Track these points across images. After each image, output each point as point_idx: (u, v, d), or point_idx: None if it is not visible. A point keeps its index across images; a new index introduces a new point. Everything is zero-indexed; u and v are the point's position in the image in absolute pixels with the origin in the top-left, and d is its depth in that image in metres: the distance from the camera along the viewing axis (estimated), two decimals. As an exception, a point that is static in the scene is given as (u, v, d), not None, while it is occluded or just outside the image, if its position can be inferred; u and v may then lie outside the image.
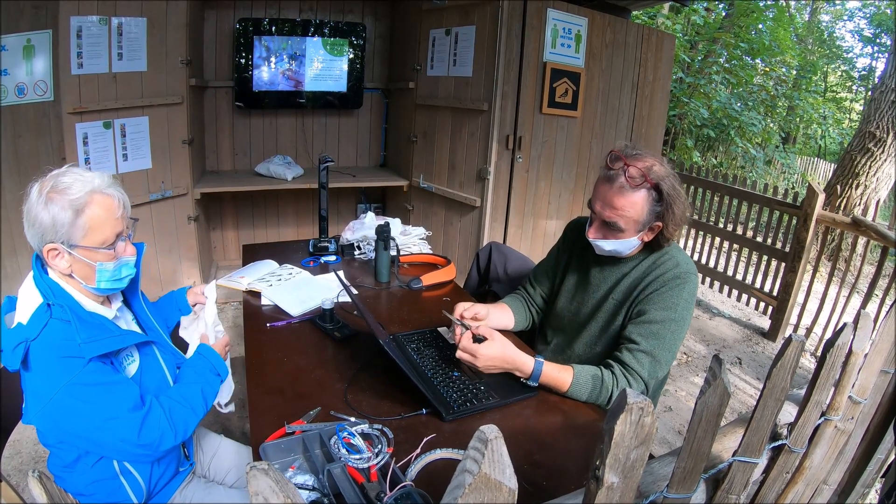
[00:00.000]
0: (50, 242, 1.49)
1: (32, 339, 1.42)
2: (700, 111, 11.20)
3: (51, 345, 1.42)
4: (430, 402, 1.61)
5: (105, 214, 1.54)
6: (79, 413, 1.41)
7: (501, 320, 2.22)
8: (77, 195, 1.48)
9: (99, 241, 1.53)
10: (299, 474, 1.35)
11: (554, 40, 4.18)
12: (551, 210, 4.68)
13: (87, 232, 1.51)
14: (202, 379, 1.67)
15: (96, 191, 1.52)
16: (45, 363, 1.41)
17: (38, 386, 1.42)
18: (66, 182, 1.49)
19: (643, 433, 0.79)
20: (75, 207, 1.48)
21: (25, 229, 1.52)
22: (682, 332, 1.88)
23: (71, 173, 1.52)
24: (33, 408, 1.45)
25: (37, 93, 3.83)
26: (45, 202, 1.47)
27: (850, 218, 4.32)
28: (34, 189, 1.49)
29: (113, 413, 1.43)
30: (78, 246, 1.51)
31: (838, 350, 1.19)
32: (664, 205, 1.82)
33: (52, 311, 1.47)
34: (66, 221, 1.47)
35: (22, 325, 1.46)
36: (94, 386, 1.42)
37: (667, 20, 11.32)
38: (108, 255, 1.56)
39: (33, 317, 1.46)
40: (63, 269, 1.53)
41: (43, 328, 1.44)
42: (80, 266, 1.54)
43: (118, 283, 1.63)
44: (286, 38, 4.73)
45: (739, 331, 5.05)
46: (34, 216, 1.47)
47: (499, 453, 0.62)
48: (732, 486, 1.14)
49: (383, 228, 2.60)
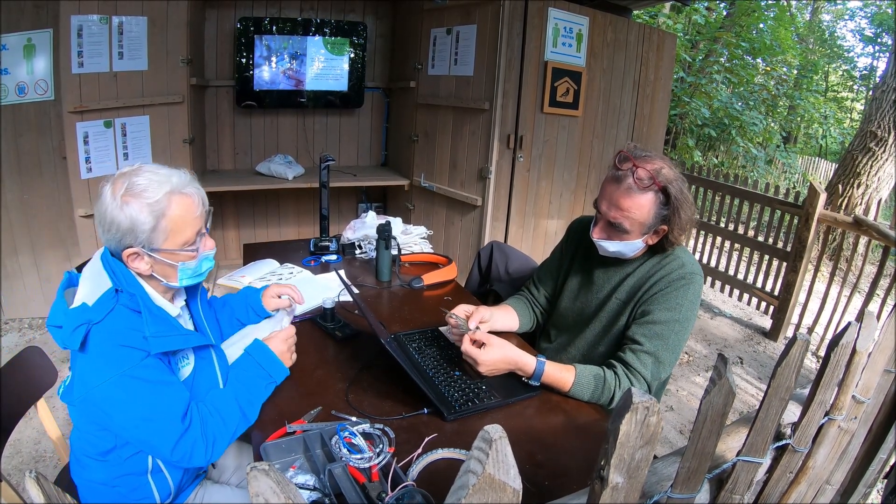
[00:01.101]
0: (129, 247, 1.46)
1: (96, 322, 1.38)
2: (701, 110, 11.19)
3: (114, 331, 1.39)
4: (432, 402, 1.61)
5: (186, 215, 1.51)
6: (124, 405, 1.38)
7: (506, 322, 2.21)
8: (155, 198, 1.45)
9: (181, 243, 1.52)
10: (300, 474, 1.35)
11: (555, 39, 4.18)
12: (552, 209, 4.67)
13: (169, 235, 1.49)
14: (243, 387, 1.60)
15: (175, 191, 1.49)
16: (103, 349, 1.38)
17: (91, 369, 1.38)
18: (142, 184, 1.45)
19: (648, 433, 0.78)
20: (155, 212, 1.45)
21: (99, 232, 1.48)
22: (686, 333, 1.88)
23: (144, 173, 1.48)
24: (79, 390, 1.42)
25: (37, 92, 3.83)
26: (120, 205, 1.42)
27: (852, 217, 4.32)
28: (106, 191, 1.45)
29: (156, 414, 1.40)
30: (160, 249, 1.49)
31: (842, 349, 1.19)
32: (671, 208, 1.81)
33: (119, 298, 1.44)
34: (146, 227, 1.44)
35: (87, 307, 1.41)
36: (147, 382, 1.40)
37: (668, 19, 11.31)
38: (190, 255, 1.55)
39: (100, 300, 1.42)
40: (143, 271, 1.51)
41: (108, 313, 1.40)
42: (161, 266, 1.53)
43: (199, 278, 1.63)
44: (287, 37, 4.73)
45: (741, 330, 5.05)
46: (110, 220, 1.43)
47: (503, 453, 0.61)
48: (736, 485, 1.13)
49: (384, 227, 2.60)
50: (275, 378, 1.66)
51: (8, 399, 1.67)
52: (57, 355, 3.66)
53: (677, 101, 11.13)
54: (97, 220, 1.47)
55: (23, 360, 1.78)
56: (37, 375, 1.81)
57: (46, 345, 3.76)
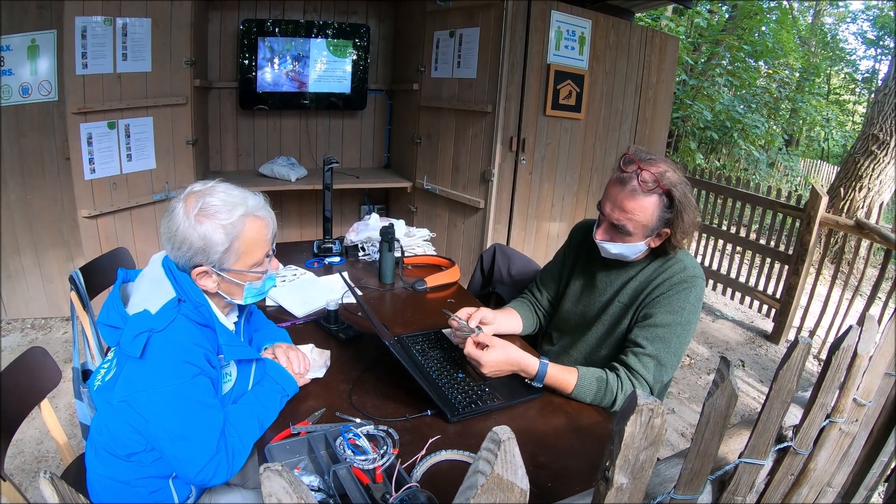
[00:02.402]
0: (199, 265, 1.48)
1: (157, 330, 1.40)
2: (703, 113, 11.20)
3: (175, 344, 1.41)
4: (435, 404, 1.61)
5: (257, 237, 1.54)
6: (165, 417, 1.38)
7: (509, 325, 2.22)
8: (230, 220, 1.47)
9: (251, 264, 1.55)
10: (305, 475, 1.36)
11: (558, 42, 4.18)
12: (554, 212, 4.68)
13: (241, 256, 1.52)
14: (261, 404, 1.59)
15: (249, 214, 1.51)
16: (161, 359, 1.39)
17: (143, 376, 1.39)
18: (216, 205, 1.47)
19: (653, 434, 0.79)
20: (229, 234, 1.47)
21: (167, 248, 1.50)
22: (688, 336, 1.88)
23: (217, 193, 1.50)
24: (124, 391, 1.42)
25: (41, 93, 3.84)
26: (193, 224, 1.44)
27: (854, 220, 4.32)
28: (179, 209, 1.46)
29: (194, 434, 1.39)
30: (230, 270, 1.51)
31: (843, 353, 1.19)
32: (674, 212, 1.81)
33: (180, 308, 1.46)
34: (219, 248, 1.47)
35: (149, 314, 1.42)
36: (194, 401, 1.40)
37: (670, 22, 11.32)
38: (257, 276, 1.58)
39: (163, 309, 1.43)
40: (210, 289, 1.53)
41: (170, 323, 1.42)
42: (228, 285, 1.55)
43: (261, 297, 1.65)
44: (290, 39, 4.74)
45: (742, 333, 5.05)
46: (182, 237, 1.45)
47: (511, 454, 0.62)
48: (738, 487, 1.14)
49: (388, 230, 2.60)
50: (287, 391, 1.66)
51: (11, 399, 1.67)
52: (60, 356, 3.68)
53: (679, 103, 11.15)
54: (165, 236, 1.48)
55: (26, 361, 1.78)
56: (40, 376, 1.81)
57: (49, 345, 3.79)
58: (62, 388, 2.92)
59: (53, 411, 1.85)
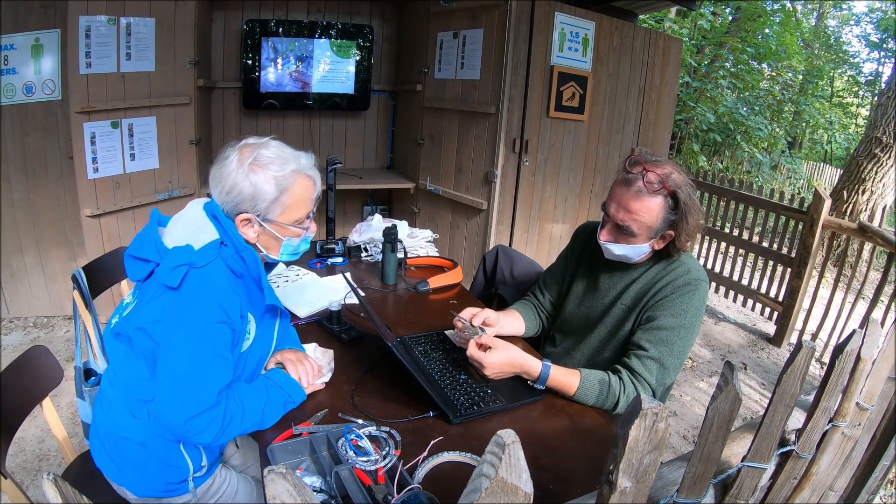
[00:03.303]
0: (245, 212, 1.52)
1: (197, 266, 1.42)
2: (706, 115, 11.20)
3: (212, 283, 1.44)
4: (438, 405, 1.61)
5: (304, 195, 1.59)
6: (175, 352, 1.40)
7: (512, 327, 2.21)
8: (282, 173, 1.52)
9: (294, 220, 1.59)
10: (307, 476, 1.35)
11: (561, 44, 4.18)
12: (557, 214, 4.68)
13: (286, 210, 1.56)
14: (269, 400, 1.58)
15: (300, 171, 1.57)
16: (195, 295, 1.42)
17: (172, 308, 1.41)
18: (270, 157, 1.52)
19: (657, 438, 0.79)
20: (280, 186, 1.52)
21: (215, 193, 1.54)
22: (691, 339, 1.88)
23: (272, 147, 1.56)
24: (146, 317, 1.43)
25: (45, 92, 3.85)
26: (247, 172, 1.49)
27: (857, 223, 4.32)
28: (233, 157, 1.52)
29: (194, 379, 1.40)
30: (273, 221, 1.56)
31: (846, 357, 1.19)
32: (679, 213, 1.81)
33: (221, 251, 1.49)
34: (267, 197, 1.51)
35: (192, 249, 1.45)
36: (209, 346, 1.42)
37: (674, 24, 11.32)
38: (297, 232, 1.62)
39: (206, 248, 1.47)
40: (250, 238, 1.56)
41: (209, 262, 1.45)
42: (268, 237, 1.60)
43: (295, 257, 1.69)
44: (294, 39, 4.74)
45: (745, 336, 5.04)
46: (232, 183, 1.50)
47: (516, 457, 0.62)
48: (741, 491, 1.14)
49: (391, 231, 2.60)
50: (294, 399, 1.64)
51: (12, 398, 1.67)
52: (62, 354, 3.68)
53: (683, 105, 11.15)
54: (215, 181, 1.53)
55: (28, 359, 1.78)
56: (42, 374, 1.81)
57: (51, 344, 3.79)
58: (64, 386, 2.92)
59: (55, 410, 1.86)
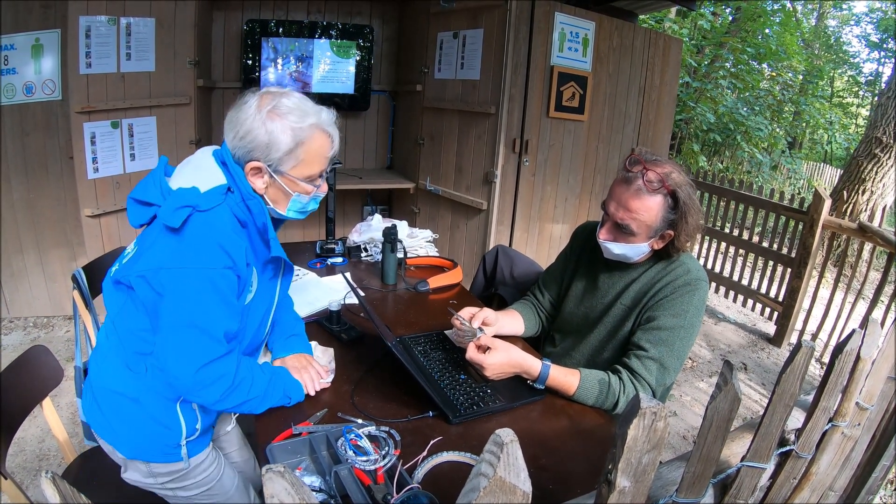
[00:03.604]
0: (256, 161, 1.48)
1: (201, 210, 1.39)
2: (706, 116, 11.20)
3: (217, 228, 1.40)
4: (437, 405, 1.61)
5: (320, 151, 1.55)
6: (183, 299, 1.36)
7: (512, 327, 2.22)
8: (300, 125, 1.48)
9: (306, 175, 1.55)
10: (306, 476, 1.35)
11: (561, 44, 4.18)
12: (557, 214, 4.68)
13: (299, 164, 1.52)
14: (272, 386, 1.58)
15: (320, 126, 1.53)
16: (200, 238, 1.38)
17: (174, 252, 1.37)
18: (289, 106, 1.48)
19: (655, 437, 0.79)
20: (296, 138, 1.48)
21: (228, 137, 1.50)
22: (691, 339, 1.88)
23: (293, 97, 1.51)
24: (147, 264, 1.40)
25: (45, 92, 3.85)
26: (264, 119, 1.45)
27: (857, 224, 4.32)
28: (252, 102, 1.48)
29: (203, 325, 1.38)
30: (284, 174, 1.52)
31: (847, 356, 1.19)
32: (678, 213, 1.81)
33: (227, 197, 1.46)
34: (282, 147, 1.47)
35: (198, 192, 1.42)
36: (215, 291, 1.39)
37: (674, 24, 11.31)
38: (308, 189, 1.58)
39: (212, 191, 1.44)
40: (257, 188, 1.53)
41: (215, 207, 1.42)
42: (276, 190, 1.56)
43: (300, 215, 1.65)
44: (294, 39, 4.74)
45: (745, 336, 5.04)
46: (248, 129, 1.46)
47: (514, 457, 0.62)
48: (740, 491, 1.14)
49: (391, 231, 2.61)
50: (291, 396, 1.63)
51: (12, 397, 1.67)
52: (62, 354, 3.68)
53: (683, 106, 11.15)
54: (230, 125, 1.49)
55: (28, 359, 1.78)
56: (42, 374, 1.82)
57: (51, 344, 3.79)
58: (64, 386, 2.91)
59: (55, 410, 1.86)
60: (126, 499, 1.85)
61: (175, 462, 1.61)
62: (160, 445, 1.57)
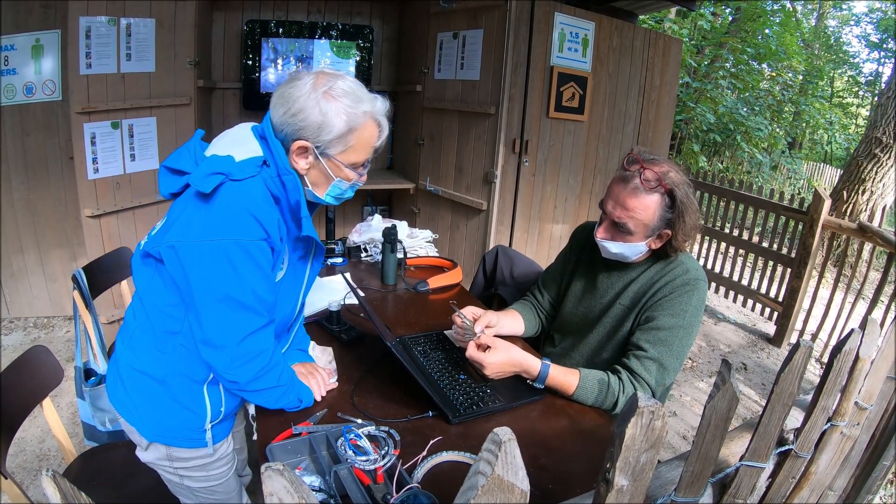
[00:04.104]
0: (304, 140, 1.45)
1: (234, 179, 1.36)
2: (706, 116, 11.20)
3: (248, 196, 1.37)
4: (437, 405, 1.61)
5: (370, 140, 1.52)
6: (216, 272, 1.34)
7: (512, 327, 2.22)
8: (354, 111, 1.45)
9: (351, 161, 1.52)
10: (306, 475, 1.36)
11: (561, 44, 4.18)
12: (557, 214, 4.68)
13: (347, 150, 1.49)
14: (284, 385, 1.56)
15: (373, 114, 1.50)
16: (230, 207, 1.34)
17: (204, 223, 1.34)
18: (346, 90, 1.45)
19: (653, 436, 0.79)
20: (350, 123, 1.45)
21: (278, 112, 1.46)
22: (691, 339, 1.88)
23: (349, 81, 1.48)
24: (177, 235, 1.36)
25: (45, 92, 3.86)
26: (320, 98, 1.42)
27: (857, 224, 4.32)
28: (307, 80, 1.44)
29: (242, 297, 1.36)
30: (331, 157, 1.49)
31: (845, 356, 1.19)
32: (676, 212, 1.81)
33: (262, 171, 1.43)
34: (334, 131, 1.44)
35: (232, 160, 1.39)
36: (251, 259, 1.36)
37: (674, 25, 11.31)
38: (350, 176, 1.55)
39: (247, 161, 1.40)
40: (299, 167, 1.49)
41: (248, 178, 1.38)
42: (318, 173, 1.53)
43: (336, 201, 1.63)
44: (294, 40, 4.74)
45: (745, 336, 5.04)
46: (301, 106, 1.42)
47: (512, 455, 0.62)
48: (739, 490, 1.14)
49: (390, 231, 2.61)
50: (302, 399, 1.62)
51: (13, 397, 1.67)
52: (62, 355, 3.69)
53: (682, 106, 11.15)
54: (280, 99, 1.45)
55: (29, 359, 1.78)
56: (42, 374, 1.82)
57: (51, 344, 3.80)
58: (64, 387, 2.92)
59: (55, 410, 1.86)
60: (127, 499, 1.85)
61: (199, 448, 1.59)
62: (184, 430, 1.55)
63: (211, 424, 1.58)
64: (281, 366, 1.52)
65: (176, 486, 1.69)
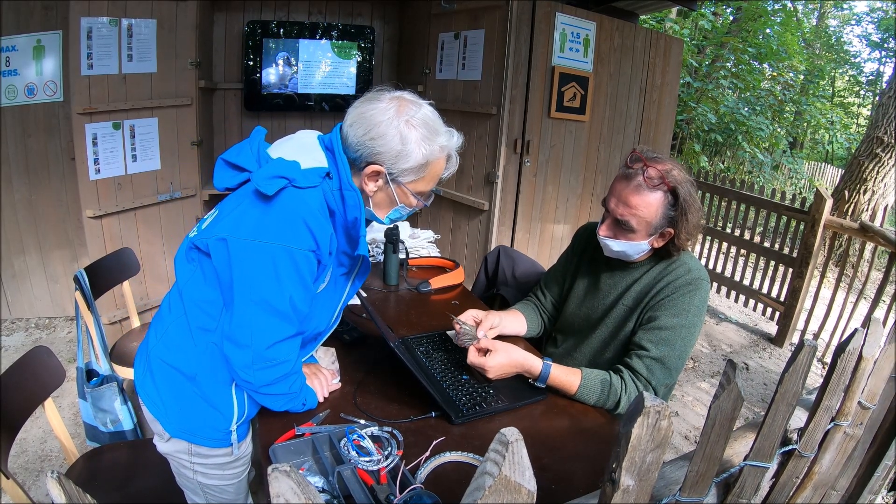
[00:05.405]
0: (379, 165, 1.45)
1: (297, 186, 1.36)
2: (708, 116, 11.20)
3: (307, 206, 1.36)
4: (440, 405, 1.61)
5: (440, 172, 1.54)
6: (258, 274, 1.34)
7: (514, 327, 2.22)
8: (433, 145, 1.46)
9: (419, 191, 1.53)
10: (309, 476, 1.35)
11: (562, 44, 4.18)
12: (559, 214, 4.68)
13: (419, 180, 1.50)
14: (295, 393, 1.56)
15: (449, 149, 1.52)
16: (287, 212, 1.34)
17: (258, 222, 1.35)
18: (428, 122, 1.45)
19: (659, 436, 0.79)
20: (427, 154, 1.45)
21: (356, 131, 1.44)
22: (693, 339, 1.88)
23: (429, 112, 1.48)
24: (227, 229, 1.37)
25: (46, 93, 3.86)
26: (403, 126, 1.42)
27: (858, 223, 4.32)
28: (390, 106, 1.43)
29: (276, 303, 1.36)
30: (402, 184, 1.49)
31: (849, 355, 1.19)
32: (679, 210, 1.81)
33: (325, 183, 1.43)
34: (411, 160, 1.44)
35: (298, 167, 1.39)
36: (295, 269, 1.36)
37: (675, 24, 11.31)
38: (414, 203, 1.56)
39: (312, 171, 1.40)
40: (368, 191, 1.50)
41: (310, 187, 1.38)
42: (385, 196, 1.53)
43: (391, 223, 1.65)
44: (295, 40, 4.74)
45: (746, 336, 5.04)
46: (382, 132, 1.42)
47: (519, 455, 0.62)
48: (743, 490, 1.14)
49: (392, 231, 2.60)
50: (307, 401, 1.61)
51: (14, 398, 1.67)
52: (64, 355, 3.69)
53: (684, 106, 11.15)
54: (359, 119, 1.44)
55: (30, 360, 1.78)
56: (44, 375, 1.82)
57: (53, 345, 3.80)
58: (66, 387, 2.93)
59: (57, 410, 1.86)
60: (129, 499, 1.85)
61: (223, 447, 1.59)
62: (210, 429, 1.55)
63: (236, 425, 1.58)
64: (297, 373, 1.52)
65: (186, 480, 1.67)
